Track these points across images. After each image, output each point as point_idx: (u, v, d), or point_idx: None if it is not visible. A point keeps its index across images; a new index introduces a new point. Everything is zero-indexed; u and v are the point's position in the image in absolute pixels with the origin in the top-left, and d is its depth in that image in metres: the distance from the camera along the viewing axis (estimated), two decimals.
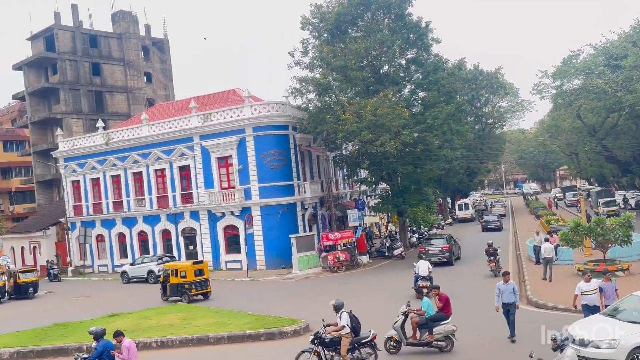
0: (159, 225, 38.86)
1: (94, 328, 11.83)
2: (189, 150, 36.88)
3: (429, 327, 13.59)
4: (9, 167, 61.86)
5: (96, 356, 11.24)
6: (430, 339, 13.54)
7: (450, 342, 13.63)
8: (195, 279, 24.92)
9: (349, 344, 12.43)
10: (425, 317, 13.75)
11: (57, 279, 39.06)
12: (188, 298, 24.55)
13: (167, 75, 62.03)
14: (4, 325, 21.94)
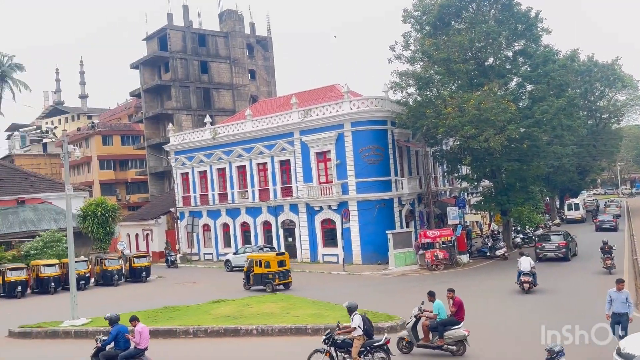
0: (260, 217, 40.18)
1: (109, 314, 13.23)
2: (290, 145, 37.75)
3: (440, 331, 13.56)
4: (126, 159, 66.75)
5: (112, 339, 12.71)
6: (440, 343, 13.56)
7: (463, 347, 13.54)
8: (278, 269, 25.99)
9: (361, 346, 12.29)
10: (436, 320, 13.68)
11: (175, 266, 41.15)
12: (272, 287, 25.48)
13: (269, 72, 63.88)
14: (121, 305, 23.74)
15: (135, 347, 12.67)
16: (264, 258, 26.63)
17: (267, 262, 26.11)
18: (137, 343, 12.64)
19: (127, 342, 12.75)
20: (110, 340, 12.82)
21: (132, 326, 13.00)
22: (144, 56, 58.85)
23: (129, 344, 12.77)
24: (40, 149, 76.21)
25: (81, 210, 38.03)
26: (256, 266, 26.44)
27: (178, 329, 17.70)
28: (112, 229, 39.12)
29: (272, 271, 25.90)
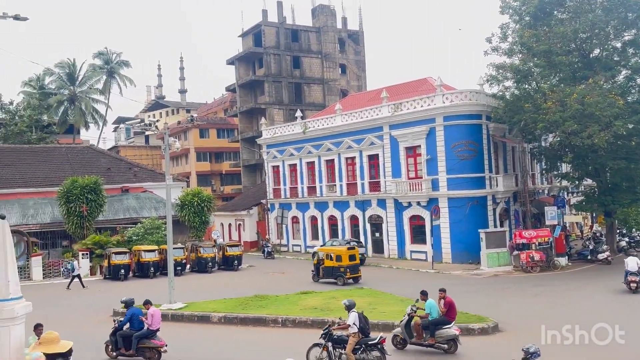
0: (347, 211, 40.30)
1: (125, 298, 14.60)
2: (379, 140, 37.48)
3: (431, 330, 13.98)
4: (221, 151, 69.43)
5: (127, 320, 14.00)
6: (432, 342, 14.01)
7: (454, 345, 13.95)
8: (349, 263, 26.32)
9: (357, 344, 12.52)
10: (428, 319, 14.04)
11: (271, 257, 41.66)
12: (343, 281, 25.88)
13: (360, 66, 63.81)
14: (213, 292, 24.74)
15: (148, 328, 13.92)
16: (335, 251, 27.08)
17: (339, 255, 26.53)
18: (150, 324, 13.93)
19: (141, 323, 14.01)
20: (125, 321, 14.09)
21: (146, 309, 14.41)
22: (239, 52, 60.77)
23: (142, 325, 13.99)
24: (142, 141, 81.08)
25: (179, 200, 39.98)
26: (327, 259, 26.98)
27: (268, 317, 18.14)
28: (207, 218, 40.80)
29: (344, 265, 26.29)
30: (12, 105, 62.16)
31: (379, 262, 35.27)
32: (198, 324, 18.94)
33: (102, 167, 45.68)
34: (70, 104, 61.40)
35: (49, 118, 62.49)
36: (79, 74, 62.31)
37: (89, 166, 45.04)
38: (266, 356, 14.69)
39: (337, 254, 26.75)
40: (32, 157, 45.80)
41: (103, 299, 23.93)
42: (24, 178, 42.65)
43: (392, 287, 24.07)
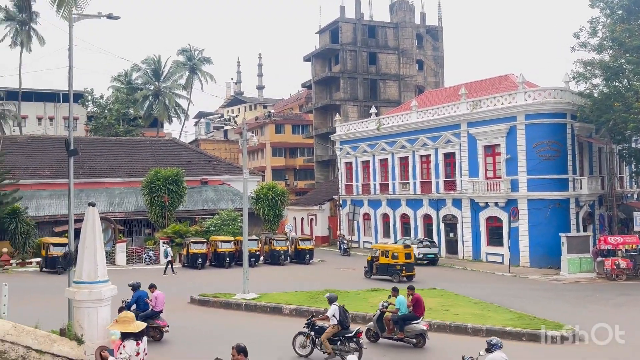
0: (421, 210, 39.71)
1: (132, 282, 15.48)
2: (455, 138, 36.63)
3: (400, 325, 14.72)
4: (296, 147, 70.37)
5: (133, 302, 15.01)
6: (401, 336, 14.75)
7: (422, 340, 14.66)
8: (405, 261, 26.63)
9: (336, 335, 13.30)
10: (397, 315, 14.77)
11: (347, 254, 40.98)
12: (399, 278, 26.11)
13: (438, 62, 62.60)
14: (285, 284, 25.17)
15: (152, 309, 15.06)
16: (391, 249, 27.56)
17: (395, 253, 26.92)
18: (154, 306, 15.09)
19: (146, 304, 15.07)
20: (132, 302, 15.13)
21: (151, 292, 15.46)
22: (316, 49, 61.24)
23: (147, 306, 15.06)
24: (221, 135, 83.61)
25: (254, 193, 40.95)
26: (382, 256, 27.31)
27: None
28: (280, 211, 41.56)
29: (400, 262, 26.62)
30: (102, 99, 65.99)
31: (452, 263, 34.55)
32: (270, 315, 19.32)
33: (183, 160, 47.58)
34: (155, 99, 64.31)
35: (135, 112, 65.84)
36: (163, 70, 65.13)
37: (171, 158, 47.07)
38: None
39: (393, 251, 27.15)
40: (119, 148, 48.43)
41: (181, 287, 24.93)
42: (112, 168, 45.18)
43: (466, 289, 23.48)
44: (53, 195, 40.65)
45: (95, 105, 66.00)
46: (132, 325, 7.69)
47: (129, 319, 7.80)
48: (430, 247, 34.77)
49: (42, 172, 42.65)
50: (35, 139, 48.34)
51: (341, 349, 13.28)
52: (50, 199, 40.37)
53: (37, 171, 42.55)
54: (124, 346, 7.45)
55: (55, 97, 67.16)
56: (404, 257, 26.81)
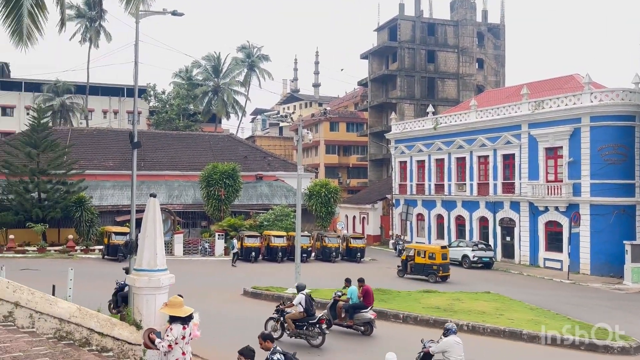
0: (477, 212, 38.88)
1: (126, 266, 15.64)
2: (515, 139, 35.64)
3: (350, 313, 15.79)
4: (349, 145, 70.38)
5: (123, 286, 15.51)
6: (350, 323, 15.79)
7: (370, 328, 15.75)
8: (442, 261, 26.94)
9: (300, 321, 14.35)
10: (349, 304, 15.82)
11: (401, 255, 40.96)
12: (435, 278, 26.48)
13: (499, 61, 61.05)
14: (337, 281, 25.16)
15: None
16: (428, 249, 27.91)
17: (432, 253, 27.22)
18: None
19: None
20: (125, 284, 15.45)
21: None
22: (374, 46, 60.95)
23: None
24: (276, 132, 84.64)
25: (308, 190, 41.22)
26: (417, 256, 27.62)
27: (389, 312, 18.12)
28: (333, 209, 41.67)
29: (437, 263, 26.86)
30: (164, 95, 68.08)
31: (508, 267, 33.69)
32: (320, 310, 19.36)
33: (240, 155, 48.45)
34: (214, 95, 65.80)
35: (194, 107, 67.60)
36: (223, 66, 66.52)
37: (228, 153, 48.04)
38: (387, 350, 14.66)
39: (430, 251, 27.48)
40: (179, 142, 49.82)
41: (235, 279, 25.44)
42: (171, 162, 46.55)
43: (522, 295, 22.84)
44: (116, 185, 42.33)
45: (157, 100, 68.25)
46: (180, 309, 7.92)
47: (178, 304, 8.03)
48: (486, 251, 34.01)
49: (106, 164, 44.45)
50: (100, 131, 50.46)
51: (306, 334, 14.43)
52: (113, 189, 42.06)
53: (101, 162, 44.38)
54: (170, 329, 7.70)
55: (120, 91, 69.81)
56: (441, 257, 27.06)
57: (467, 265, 33.07)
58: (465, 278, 28.70)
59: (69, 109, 62.68)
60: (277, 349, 7.79)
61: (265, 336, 7.90)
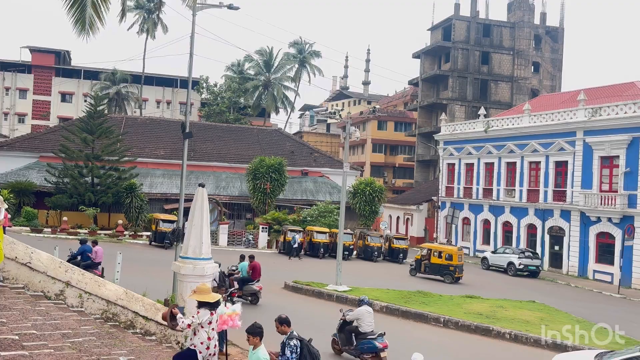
0: (525, 219, 37.90)
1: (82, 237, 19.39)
2: (569, 146, 34.51)
3: (240, 285, 18.22)
4: (396, 145, 69.80)
5: (78, 253, 17.57)
6: (240, 294, 18.06)
7: (256, 299, 18.22)
8: (458, 263, 27.22)
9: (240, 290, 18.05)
10: (239, 276, 18.44)
11: None
12: (452, 279, 26.98)
13: (556, 65, 59.19)
14: (378, 281, 25.13)
15: (92, 261, 17.43)
16: (445, 250, 28.20)
17: (450, 254, 27.53)
18: (94, 258, 17.55)
19: (89, 257, 17.49)
20: (77, 253, 17.66)
21: (92, 246, 17.84)
22: (427, 46, 60.17)
23: (89, 258, 17.46)
24: (324, 129, 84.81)
25: (352, 188, 41.17)
26: (433, 256, 27.92)
27: (430, 315, 17.88)
28: (377, 208, 41.48)
29: (453, 264, 27.16)
30: (216, 87, 69.27)
31: (555, 277, 32.71)
32: None
33: (287, 150, 48.83)
34: (264, 89, 66.48)
35: (245, 101, 68.51)
36: (274, 61, 67.07)
37: (275, 148, 48.51)
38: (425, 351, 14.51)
39: (448, 252, 27.77)
40: (228, 135, 50.64)
41: (276, 272, 25.64)
42: (220, 153, 47.37)
43: (568, 306, 22.13)
44: (166, 174, 43.41)
45: (209, 93, 69.50)
46: (209, 295, 8.11)
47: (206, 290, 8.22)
48: (532, 259, 33.11)
49: (157, 152, 45.62)
50: (153, 120, 51.83)
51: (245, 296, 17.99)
52: (163, 177, 43.15)
53: (153, 151, 45.58)
54: (198, 312, 7.91)
55: (174, 82, 71.48)
56: (457, 259, 27.36)
57: (512, 273, 32.31)
58: (509, 286, 28.08)
59: (124, 98, 64.66)
60: (294, 334, 7.81)
61: (282, 320, 7.93)
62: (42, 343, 7.66)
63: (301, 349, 7.65)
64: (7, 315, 8.28)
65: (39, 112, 67.00)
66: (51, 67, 68.07)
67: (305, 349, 7.69)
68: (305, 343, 7.85)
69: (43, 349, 7.36)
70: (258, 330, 7.19)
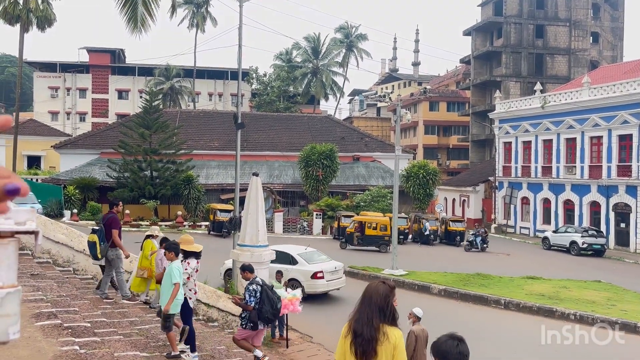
0: (587, 196, 36.50)
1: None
2: (634, 118, 32.88)
3: None
4: (450, 125, 68.44)
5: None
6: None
7: None
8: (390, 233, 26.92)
9: None
10: None
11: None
12: (387, 249, 27.66)
13: (617, 34, 56.31)
14: (435, 264, 24.88)
15: None
16: (380, 221, 28.88)
17: (384, 225, 28.44)
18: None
19: None
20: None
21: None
22: (477, 22, 58.48)
23: None
24: (374, 113, 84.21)
25: (405, 171, 40.74)
26: (368, 228, 28.74)
27: (490, 297, 17.58)
28: (431, 191, 40.91)
29: (388, 234, 27.74)
30: (265, 77, 69.94)
31: (621, 256, 31.42)
32: (418, 292, 19.25)
33: (337, 136, 48.78)
34: (313, 76, 66.56)
35: (294, 89, 68.85)
36: (322, 47, 66.97)
37: (326, 134, 48.55)
38: (487, 334, 14.31)
39: (382, 223, 28.62)
40: (279, 124, 51.06)
41: (333, 257, 25.76)
42: (272, 143, 47.87)
43: (638, 285, 21.24)
44: (220, 165, 44.30)
45: (258, 83, 70.24)
46: (194, 245, 8.46)
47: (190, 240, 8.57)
48: (597, 237, 31.88)
49: (211, 144, 46.59)
50: (206, 113, 52.88)
51: None
52: (218, 168, 44.07)
53: (207, 143, 46.57)
54: (188, 263, 8.25)
55: (224, 74, 72.60)
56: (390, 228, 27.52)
57: (575, 252, 31.25)
58: (573, 266, 27.20)
59: (178, 92, 66.26)
60: (255, 280, 8.46)
61: (245, 267, 8.61)
62: (112, 330, 8.03)
63: (261, 293, 8.27)
64: (79, 304, 8.71)
65: (98, 110, 69.69)
66: (107, 66, 70.54)
67: (264, 294, 8.29)
68: (265, 288, 8.41)
69: (113, 336, 7.72)
70: (173, 247, 7.97)
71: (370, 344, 4.01)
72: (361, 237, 29.31)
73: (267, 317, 8.37)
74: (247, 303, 8.23)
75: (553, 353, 12.56)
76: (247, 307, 8.23)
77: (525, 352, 13.01)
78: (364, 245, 29.18)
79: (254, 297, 8.24)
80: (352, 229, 30.05)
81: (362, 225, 29.50)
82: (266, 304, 8.25)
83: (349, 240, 29.85)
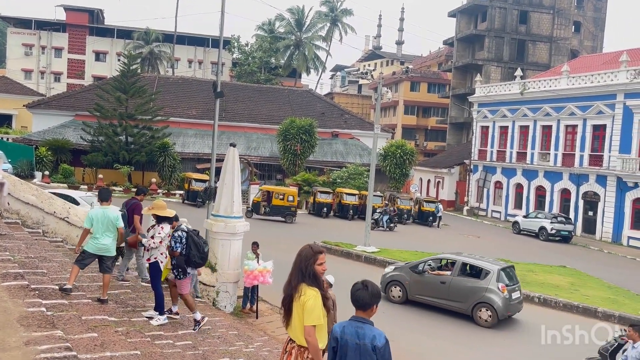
0: (559, 184, 37.22)
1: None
2: (609, 109, 33.44)
3: None
4: (429, 106, 68.72)
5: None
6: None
7: None
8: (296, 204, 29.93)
9: None
10: None
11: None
12: (292, 219, 29.35)
13: (598, 25, 56.88)
14: (406, 243, 25.22)
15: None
16: (287, 192, 30.19)
17: (291, 196, 29.68)
18: None
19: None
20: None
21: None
22: (463, 4, 58.36)
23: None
24: (355, 90, 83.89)
25: (383, 150, 40.90)
26: (275, 198, 29.52)
27: None
28: (407, 171, 41.23)
29: (294, 205, 29.63)
30: (247, 47, 68.91)
31: (587, 243, 32.26)
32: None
33: (317, 111, 48.61)
34: (295, 49, 65.83)
35: (276, 61, 68.04)
36: (305, 20, 66.13)
37: (305, 109, 48.33)
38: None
39: (289, 194, 29.77)
40: (259, 95, 50.60)
41: (306, 233, 25.95)
42: (251, 114, 47.49)
43: (600, 272, 21.92)
44: (197, 134, 43.84)
45: (240, 52, 69.23)
46: (166, 210, 8.47)
47: (163, 205, 8.56)
48: (565, 224, 32.64)
49: (189, 112, 46.00)
50: (185, 80, 52.06)
51: None
52: (195, 137, 43.61)
53: (185, 111, 45.97)
54: (162, 228, 8.30)
55: (205, 42, 71.33)
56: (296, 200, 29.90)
57: (543, 238, 31.99)
58: (540, 250, 27.85)
59: (157, 57, 64.98)
60: (181, 227, 8.69)
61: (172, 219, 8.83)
62: (81, 293, 7.99)
63: (187, 239, 8.47)
64: (47, 266, 8.63)
65: (74, 71, 68.03)
66: (85, 26, 68.67)
67: (190, 239, 8.49)
68: (191, 234, 8.58)
69: (82, 299, 7.68)
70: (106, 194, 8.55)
71: (286, 302, 4.66)
72: (268, 206, 29.64)
73: (196, 261, 8.53)
74: (174, 249, 8.35)
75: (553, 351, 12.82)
76: (174, 253, 8.34)
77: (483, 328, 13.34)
78: (270, 215, 29.42)
79: (180, 244, 8.41)
80: (259, 197, 30.28)
81: (270, 195, 29.92)
82: (193, 249, 8.44)
83: (255, 209, 29.97)
